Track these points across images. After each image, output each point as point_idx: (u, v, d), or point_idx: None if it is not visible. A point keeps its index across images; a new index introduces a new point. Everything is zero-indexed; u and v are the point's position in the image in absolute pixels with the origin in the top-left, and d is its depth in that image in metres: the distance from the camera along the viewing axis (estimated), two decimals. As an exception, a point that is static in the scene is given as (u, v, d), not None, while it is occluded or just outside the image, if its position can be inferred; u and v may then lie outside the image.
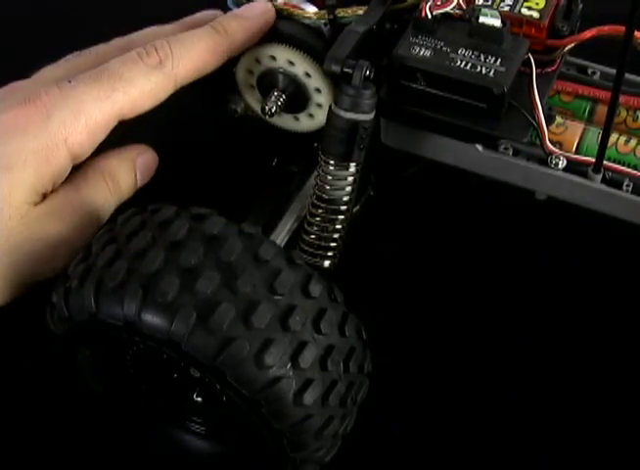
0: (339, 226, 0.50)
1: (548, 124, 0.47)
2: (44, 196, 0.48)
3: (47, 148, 0.46)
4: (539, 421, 0.56)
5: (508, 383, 0.57)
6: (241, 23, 0.51)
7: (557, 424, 0.55)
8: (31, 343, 0.57)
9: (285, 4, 0.53)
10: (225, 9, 0.54)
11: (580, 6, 0.50)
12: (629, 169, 0.47)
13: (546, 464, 0.54)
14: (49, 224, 0.47)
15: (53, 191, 0.48)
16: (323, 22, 0.51)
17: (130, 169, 0.51)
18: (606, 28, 0.47)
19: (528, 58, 0.47)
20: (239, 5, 0.53)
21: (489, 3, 0.48)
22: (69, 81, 0.48)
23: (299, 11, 0.52)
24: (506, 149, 0.48)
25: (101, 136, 0.48)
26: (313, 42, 0.51)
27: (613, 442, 0.55)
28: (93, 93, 0.47)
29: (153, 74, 0.48)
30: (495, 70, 0.46)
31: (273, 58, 0.52)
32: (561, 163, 0.47)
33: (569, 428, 0.55)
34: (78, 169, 0.50)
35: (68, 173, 0.48)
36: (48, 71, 0.52)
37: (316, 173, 0.49)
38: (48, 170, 0.46)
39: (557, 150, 0.47)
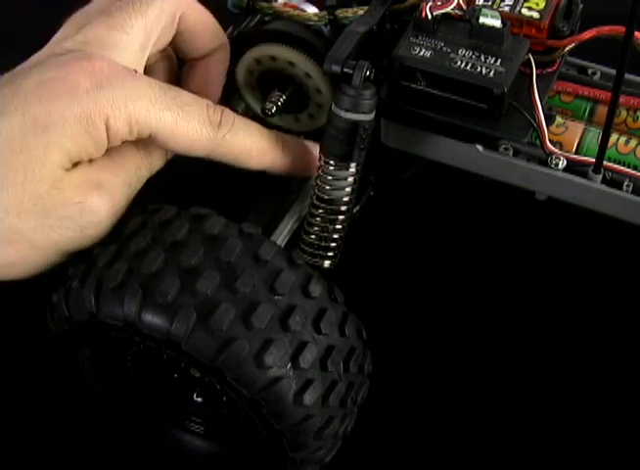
0: (339, 226, 0.50)
1: (548, 125, 0.47)
2: (76, 165, 0.46)
3: (88, 118, 0.44)
4: (538, 419, 0.56)
5: (508, 382, 0.57)
6: (296, 150, 0.51)
7: (556, 424, 0.55)
8: (31, 343, 0.57)
9: (285, 4, 0.52)
10: (225, 9, 0.54)
11: (580, 6, 0.50)
12: (629, 170, 0.47)
13: (545, 463, 0.54)
14: (83, 190, 0.46)
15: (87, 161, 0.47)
16: (323, 22, 0.51)
17: None
18: (606, 28, 0.47)
19: (529, 58, 0.47)
20: (239, 8, 0.53)
21: (489, 3, 0.48)
22: (135, 71, 0.47)
23: (300, 12, 0.52)
24: (506, 149, 0.48)
25: (135, 136, 0.47)
26: (313, 43, 0.51)
27: (613, 441, 0.55)
28: (151, 96, 0.46)
29: (205, 126, 0.47)
30: (495, 71, 0.46)
31: (273, 58, 0.52)
32: (561, 163, 0.47)
33: (568, 428, 0.55)
34: None
35: (103, 151, 0.46)
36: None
37: (316, 173, 0.49)
38: (85, 140, 0.45)
39: (557, 150, 0.47)
